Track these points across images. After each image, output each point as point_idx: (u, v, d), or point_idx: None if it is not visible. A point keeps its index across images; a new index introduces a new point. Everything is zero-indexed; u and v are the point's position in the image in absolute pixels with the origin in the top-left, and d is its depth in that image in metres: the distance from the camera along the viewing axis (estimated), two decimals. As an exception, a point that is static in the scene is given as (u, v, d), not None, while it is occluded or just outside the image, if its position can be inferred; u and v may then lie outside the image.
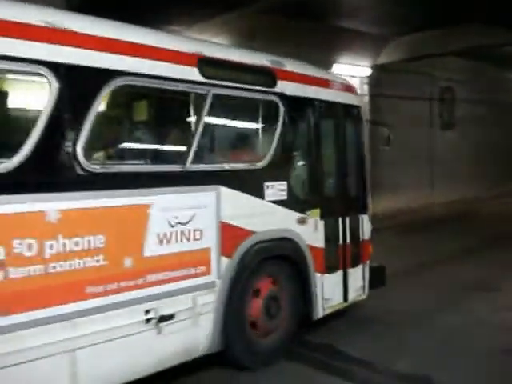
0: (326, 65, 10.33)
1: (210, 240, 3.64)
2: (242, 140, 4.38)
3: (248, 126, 4.41)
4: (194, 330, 3.58)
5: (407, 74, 13.04)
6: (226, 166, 3.89)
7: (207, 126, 3.80)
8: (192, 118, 3.93)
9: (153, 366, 3.39)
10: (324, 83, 4.72)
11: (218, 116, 4.05)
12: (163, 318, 3.36)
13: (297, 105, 4.35)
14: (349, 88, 5.07)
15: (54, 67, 2.87)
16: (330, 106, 4.70)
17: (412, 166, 13.65)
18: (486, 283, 6.50)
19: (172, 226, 3.41)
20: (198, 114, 3.73)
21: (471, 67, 14.99)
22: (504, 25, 9.45)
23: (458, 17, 9.84)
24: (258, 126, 4.38)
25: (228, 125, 4.31)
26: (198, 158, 3.62)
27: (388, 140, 5.52)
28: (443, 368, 4.05)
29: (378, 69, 12.31)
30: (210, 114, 3.75)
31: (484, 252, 8.56)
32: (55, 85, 2.86)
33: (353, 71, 11.76)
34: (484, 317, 5.20)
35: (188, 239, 3.51)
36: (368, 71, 12.33)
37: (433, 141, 15.04)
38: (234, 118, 4.26)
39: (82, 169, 2.98)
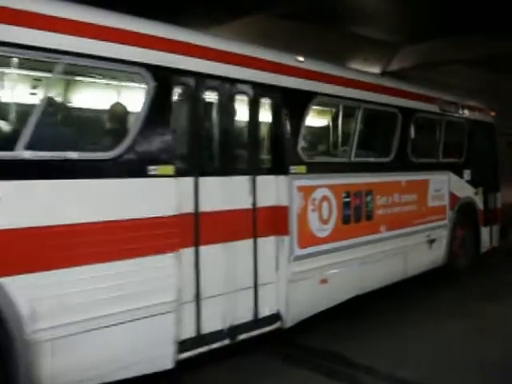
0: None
1: (446, 200, 6.62)
2: (453, 145, 7.18)
3: (455, 138, 7.27)
4: (439, 250, 6.54)
5: (417, 82, 12.96)
6: (451, 160, 6.87)
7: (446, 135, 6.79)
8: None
9: (425, 266, 6.32)
10: (482, 110, 7.77)
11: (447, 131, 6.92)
12: (432, 241, 6.33)
13: (475, 126, 7.39)
14: (487, 111, 8.08)
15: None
16: (481, 123, 7.70)
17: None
18: None
19: (434, 192, 6.39)
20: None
21: (483, 76, 14.55)
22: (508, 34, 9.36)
23: (470, 25, 9.87)
24: (460, 138, 7.29)
25: (447, 137, 7.03)
26: (444, 156, 6.66)
27: None
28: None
29: (389, 75, 12.01)
30: (445, 131, 6.75)
31: None
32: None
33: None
34: None
35: (439, 200, 6.49)
36: (378, 78, 12.55)
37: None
38: (448, 132, 7.12)
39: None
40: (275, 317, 4.42)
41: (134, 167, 3.40)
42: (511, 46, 10.50)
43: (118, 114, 3.67)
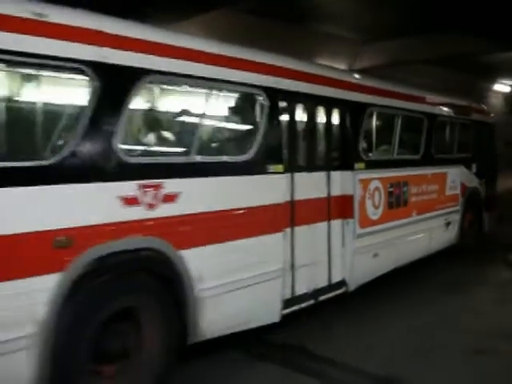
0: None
1: (458, 190, 7.86)
2: (464, 143, 8.33)
3: (465, 137, 8.41)
4: (453, 231, 7.78)
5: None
6: (462, 156, 8.09)
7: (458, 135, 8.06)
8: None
9: (443, 244, 7.54)
10: (484, 112, 9.03)
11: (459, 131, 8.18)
12: (448, 223, 7.57)
13: (480, 126, 8.64)
14: (488, 113, 9.34)
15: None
16: (485, 124, 8.96)
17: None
18: None
19: (451, 182, 7.61)
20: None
21: (445, 75, 14.67)
22: (481, 34, 9.41)
23: (437, 25, 9.90)
24: (469, 137, 8.49)
25: (459, 136, 8.26)
26: (457, 152, 7.90)
27: None
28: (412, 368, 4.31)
29: (356, 73, 12.22)
30: (457, 131, 8.02)
31: None
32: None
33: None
34: None
35: (454, 189, 7.72)
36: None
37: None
38: (460, 132, 8.32)
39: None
40: (342, 283, 5.57)
41: (259, 167, 4.49)
42: (477, 46, 10.72)
43: (249, 129, 4.72)
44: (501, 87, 16.98)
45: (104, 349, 3.41)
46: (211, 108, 4.26)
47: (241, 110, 4.66)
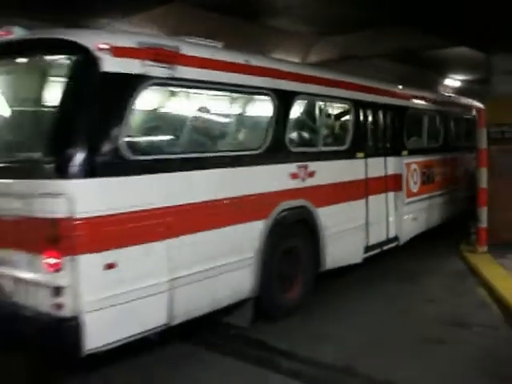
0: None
1: (465, 171, 10.07)
2: (468, 134, 10.42)
3: (468, 128, 10.66)
4: (462, 204, 9.90)
5: None
6: (467, 144, 10.24)
7: (465, 127, 10.27)
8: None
9: (457, 213, 9.66)
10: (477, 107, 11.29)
11: (465, 124, 10.41)
12: (458, 197, 9.74)
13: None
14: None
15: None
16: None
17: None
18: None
19: (460, 164, 9.80)
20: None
21: (396, 69, 14.80)
22: (429, 30, 9.35)
23: (387, 19, 9.82)
24: (470, 128, 10.61)
25: (465, 128, 10.54)
26: (464, 141, 10.10)
27: None
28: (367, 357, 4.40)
29: None
30: (464, 124, 10.22)
31: None
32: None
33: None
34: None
35: (462, 170, 9.92)
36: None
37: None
38: (465, 125, 10.54)
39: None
40: (396, 238, 7.67)
41: (351, 154, 6.56)
42: (426, 41, 10.78)
43: (346, 129, 6.75)
44: (451, 82, 17.33)
45: (282, 268, 5.43)
46: (330, 116, 6.48)
47: (343, 117, 6.79)
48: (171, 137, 4.65)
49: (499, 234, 7.74)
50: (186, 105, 4.65)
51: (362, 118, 6.91)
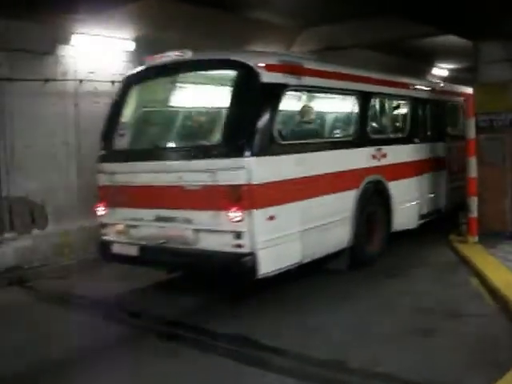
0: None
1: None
2: None
3: None
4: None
5: None
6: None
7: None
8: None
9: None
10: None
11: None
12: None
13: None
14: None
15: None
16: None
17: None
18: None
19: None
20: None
21: (383, 60, 14.51)
22: (415, 18, 9.07)
23: (372, 8, 9.55)
24: None
25: None
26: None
27: None
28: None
29: None
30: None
31: None
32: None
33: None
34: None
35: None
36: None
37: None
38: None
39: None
40: (441, 210, 9.34)
41: (411, 140, 8.29)
42: (411, 29, 10.67)
43: (405, 120, 8.52)
44: (439, 71, 17.20)
45: (367, 227, 7.18)
46: (394, 110, 8.29)
47: (403, 111, 8.58)
48: (303, 128, 6.38)
49: (489, 224, 7.94)
50: (310, 104, 6.42)
51: (417, 111, 8.65)
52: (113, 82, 8.70)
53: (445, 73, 17.31)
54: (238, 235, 5.28)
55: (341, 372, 4.12)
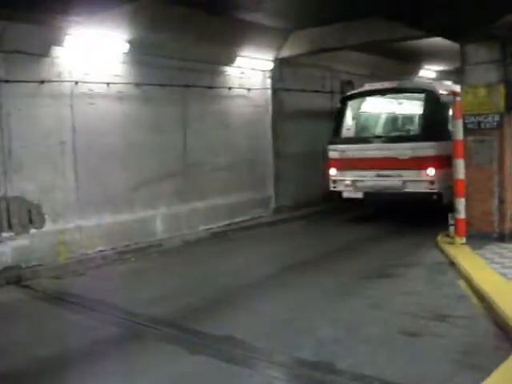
0: (230, 58, 11.14)
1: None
2: None
3: None
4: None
5: (309, 68, 13.20)
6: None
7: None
8: None
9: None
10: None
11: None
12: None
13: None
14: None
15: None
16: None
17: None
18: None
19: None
20: None
21: (371, 61, 14.75)
22: (402, 20, 9.13)
23: (359, 11, 9.73)
24: None
25: None
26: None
27: None
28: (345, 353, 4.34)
29: (280, 62, 12.30)
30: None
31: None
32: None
33: (255, 65, 11.83)
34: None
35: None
36: (270, 65, 12.19)
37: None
38: None
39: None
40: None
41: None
42: (398, 32, 10.68)
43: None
44: (427, 73, 17.35)
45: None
46: None
47: None
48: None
49: (477, 225, 7.97)
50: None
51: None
52: (108, 84, 8.81)
53: (432, 74, 17.55)
54: (431, 182, 9.60)
55: (329, 373, 4.14)
